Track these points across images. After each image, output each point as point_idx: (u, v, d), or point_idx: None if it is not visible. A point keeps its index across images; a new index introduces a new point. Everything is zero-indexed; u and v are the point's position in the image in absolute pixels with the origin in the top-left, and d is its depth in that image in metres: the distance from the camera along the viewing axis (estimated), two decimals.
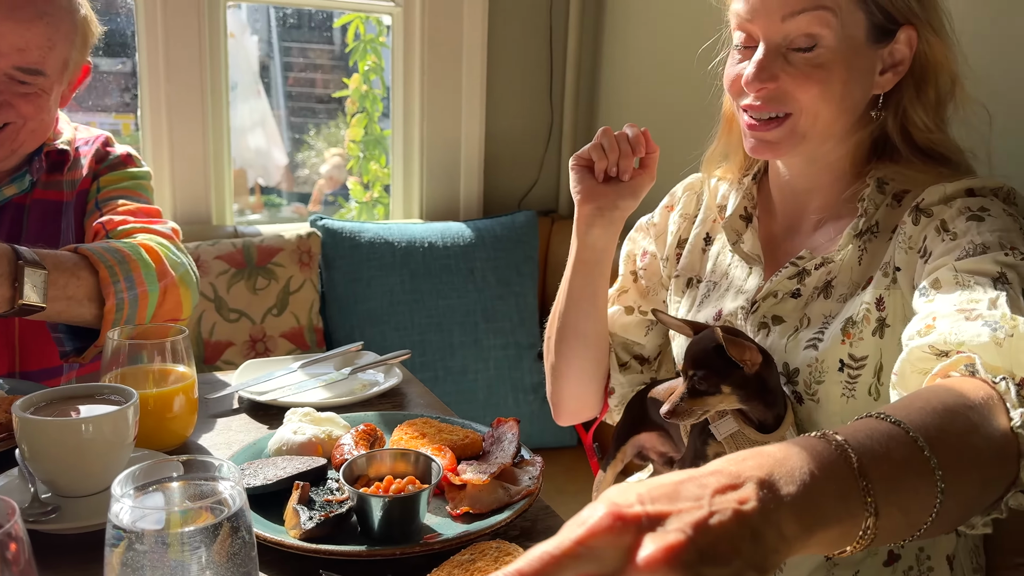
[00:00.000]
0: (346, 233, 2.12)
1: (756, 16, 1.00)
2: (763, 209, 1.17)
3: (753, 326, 1.07)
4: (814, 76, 0.97)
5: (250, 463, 1.02)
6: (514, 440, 1.07)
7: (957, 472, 0.62)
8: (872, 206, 1.02)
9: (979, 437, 0.66)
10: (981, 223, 0.89)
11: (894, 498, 0.58)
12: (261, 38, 4.13)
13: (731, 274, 1.15)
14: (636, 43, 2.36)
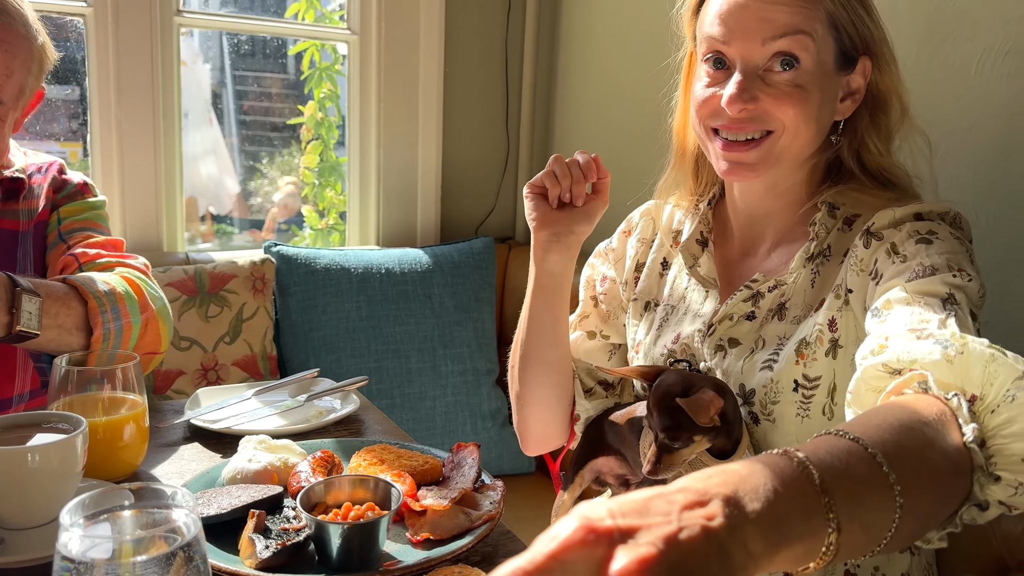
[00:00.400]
0: (301, 259, 2.10)
1: (734, 39, 1.00)
2: (719, 234, 1.19)
3: (710, 348, 1.08)
4: (794, 95, 0.99)
5: (203, 492, 0.99)
6: (474, 465, 1.06)
7: (915, 487, 0.63)
8: (823, 230, 1.04)
9: (935, 452, 0.67)
10: (930, 246, 0.92)
11: (856, 513, 0.59)
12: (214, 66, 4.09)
13: (688, 298, 1.16)
14: (590, 71, 2.40)
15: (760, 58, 0.99)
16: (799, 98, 0.99)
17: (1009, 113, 1.36)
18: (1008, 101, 1.36)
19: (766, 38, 0.98)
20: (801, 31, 0.98)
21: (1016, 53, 1.35)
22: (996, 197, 1.39)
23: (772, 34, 0.98)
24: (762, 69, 1.00)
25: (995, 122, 1.38)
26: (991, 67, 1.38)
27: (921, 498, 0.65)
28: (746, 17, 0.99)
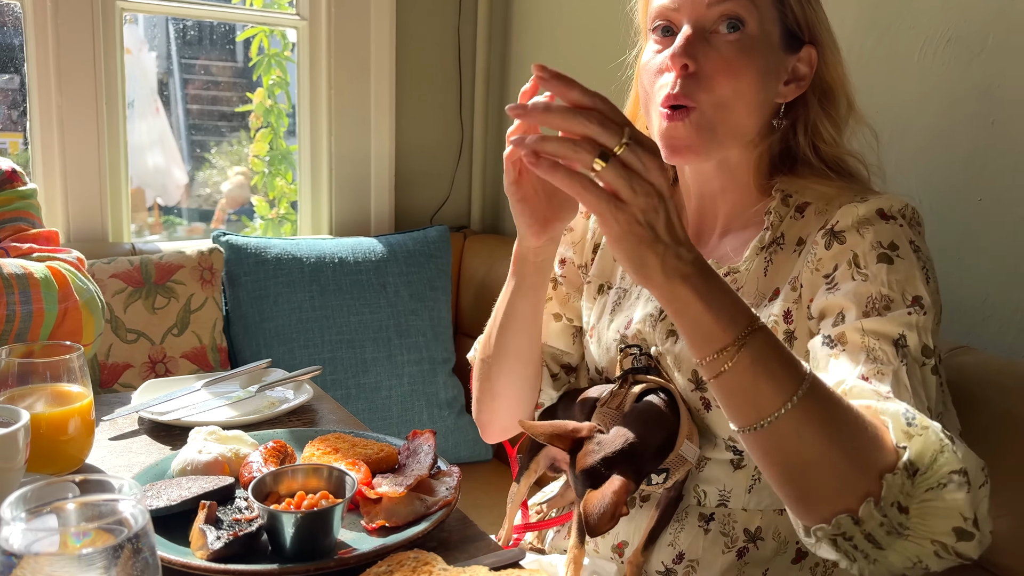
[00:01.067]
0: (251, 249, 2.06)
1: (682, 2, 1.00)
2: None
3: (661, 333, 1.08)
4: (735, 62, 0.98)
5: (152, 485, 0.97)
6: (430, 452, 1.06)
7: (812, 414, 0.76)
8: (777, 219, 1.05)
9: (851, 424, 0.77)
10: (891, 267, 0.92)
11: (760, 365, 0.76)
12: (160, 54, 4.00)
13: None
14: (544, 57, 2.39)
15: (706, 20, 0.99)
16: (740, 65, 0.98)
17: (951, 100, 1.40)
18: (950, 88, 1.40)
19: (712, 1, 0.98)
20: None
21: (957, 41, 1.38)
22: (939, 183, 1.43)
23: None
24: (708, 31, 0.99)
25: (938, 108, 1.41)
26: (933, 55, 1.41)
27: (810, 426, 0.76)
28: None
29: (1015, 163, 1.32)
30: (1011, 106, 1.32)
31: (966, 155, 1.38)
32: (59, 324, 1.21)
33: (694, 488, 1.07)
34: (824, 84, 1.05)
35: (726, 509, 1.06)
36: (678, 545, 1.06)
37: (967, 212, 1.38)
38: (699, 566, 1.05)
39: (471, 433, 2.13)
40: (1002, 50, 1.33)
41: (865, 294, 0.91)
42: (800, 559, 1.06)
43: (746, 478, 1.05)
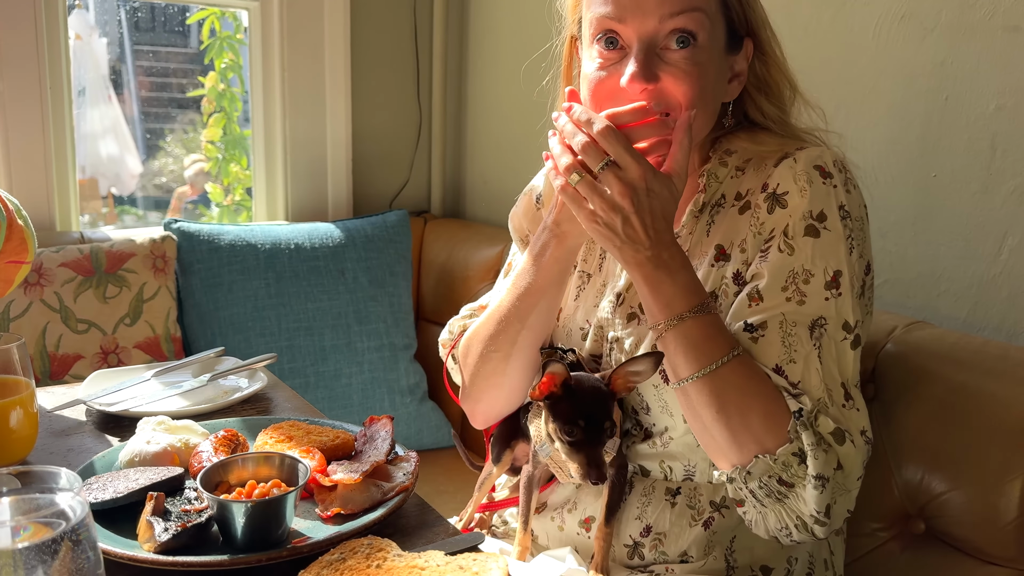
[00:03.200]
0: (203, 236, 2.02)
1: (628, 16, 0.97)
2: None
3: (622, 318, 1.08)
4: (693, 74, 0.96)
5: (98, 476, 0.94)
6: (387, 438, 1.04)
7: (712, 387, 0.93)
8: (715, 180, 1.05)
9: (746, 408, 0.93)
10: (816, 240, 0.96)
11: (681, 342, 0.94)
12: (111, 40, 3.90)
13: (604, 268, 1.15)
14: (502, 38, 2.37)
15: (658, 35, 0.97)
16: (697, 76, 0.97)
17: (906, 75, 1.40)
18: (904, 64, 1.40)
19: (663, 15, 0.95)
20: (697, 7, 0.96)
21: (911, 17, 1.39)
22: (893, 159, 1.43)
23: (669, 10, 0.95)
24: (659, 47, 0.97)
25: (892, 84, 1.42)
26: (888, 31, 1.42)
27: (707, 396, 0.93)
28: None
29: (969, 139, 1.33)
30: (964, 82, 1.33)
31: (920, 131, 1.39)
32: (7, 239, 1.13)
33: (660, 464, 1.07)
34: (766, 76, 1.05)
35: (692, 483, 1.06)
36: (645, 519, 1.06)
37: (921, 188, 1.39)
38: (666, 539, 1.05)
39: (434, 419, 2.11)
40: (955, 27, 1.33)
41: (787, 267, 0.96)
42: None
43: None
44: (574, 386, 0.94)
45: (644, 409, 1.06)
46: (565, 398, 0.94)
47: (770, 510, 0.95)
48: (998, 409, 1.10)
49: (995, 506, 1.08)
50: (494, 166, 2.45)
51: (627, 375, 0.96)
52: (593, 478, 0.91)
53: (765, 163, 1.02)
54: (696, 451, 1.05)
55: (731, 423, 0.93)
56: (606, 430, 0.93)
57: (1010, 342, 1.28)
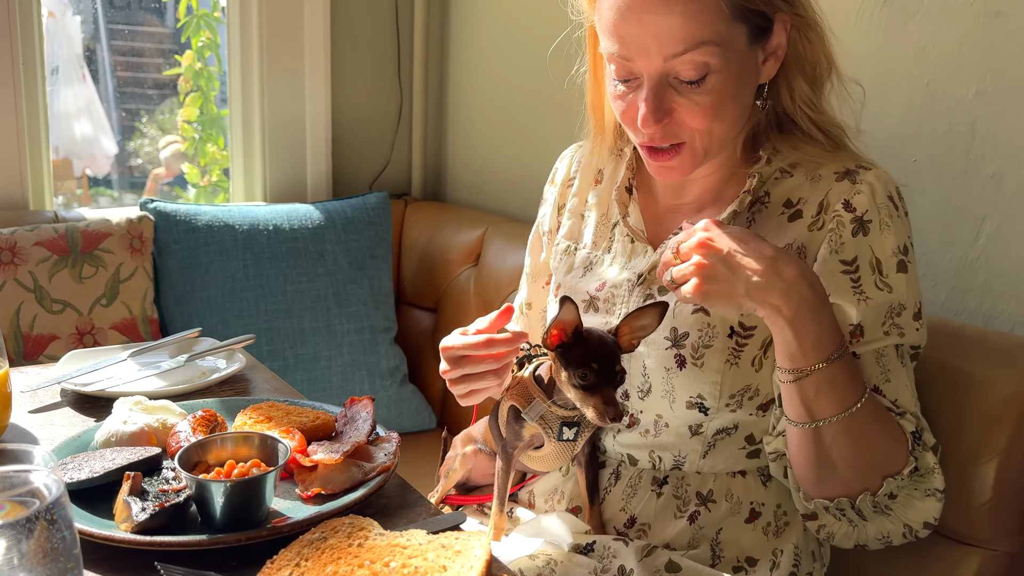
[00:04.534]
0: (180, 216, 1.99)
1: (634, 55, 0.94)
2: (643, 181, 1.16)
3: (639, 297, 1.08)
4: (708, 104, 0.95)
5: (74, 457, 0.93)
6: (368, 418, 1.03)
7: (849, 429, 0.93)
8: (759, 181, 1.04)
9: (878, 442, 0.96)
10: (907, 276, 0.99)
11: (824, 386, 0.92)
12: (85, 19, 3.83)
13: (614, 248, 1.14)
14: (484, 19, 2.35)
15: (666, 71, 0.95)
16: (713, 104, 0.95)
17: (887, 60, 1.40)
18: (886, 48, 1.40)
19: (667, 56, 0.93)
20: (703, 42, 0.92)
21: (893, 2, 1.39)
22: (874, 143, 1.43)
23: (672, 51, 0.92)
24: (671, 77, 0.95)
25: (874, 69, 1.42)
26: (870, 15, 1.42)
27: (846, 436, 0.93)
28: (641, 33, 0.93)
29: (949, 124, 1.34)
30: (945, 67, 1.33)
31: (901, 116, 1.39)
32: None
33: (650, 453, 1.07)
34: (800, 46, 1.02)
35: (680, 472, 1.07)
36: (629, 510, 1.07)
37: (902, 172, 1.39)
38: (650, 530, 1.05)
39: (414, 402, 2.10)
40: (937, 12, 1.34)
41: (887, 304, 0.99)
42: (753, 519, 1.07)
43: (701, 444, 1.05)
44: (584, 333, 0.96)
45: (640, 393, 1.06)
46: (576, 344, 0.95)
47: (871, 523, 0.99)
48: (974, 392, 1.11)
49: (970, 488, 1.09)
50: (476, 149, 2.43)
51: (633, 327, 0.97)
52: (610, 416, 0.92)
53: (819, 173, 1.02)
54: (688, 441, 1.05)
55: (865, 456, 0.95)
56: (618, 373, 0.95)
57: (987, 326, 1.30)
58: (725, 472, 1.07)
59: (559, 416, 1.01)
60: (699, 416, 1.03)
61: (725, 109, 0.97)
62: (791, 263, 0.89)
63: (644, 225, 1.12)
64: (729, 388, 1.02)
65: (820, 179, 1.02)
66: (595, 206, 1.19)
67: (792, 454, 0.98)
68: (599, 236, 1.17)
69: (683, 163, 1.00)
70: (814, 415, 0.93)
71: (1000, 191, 1.29)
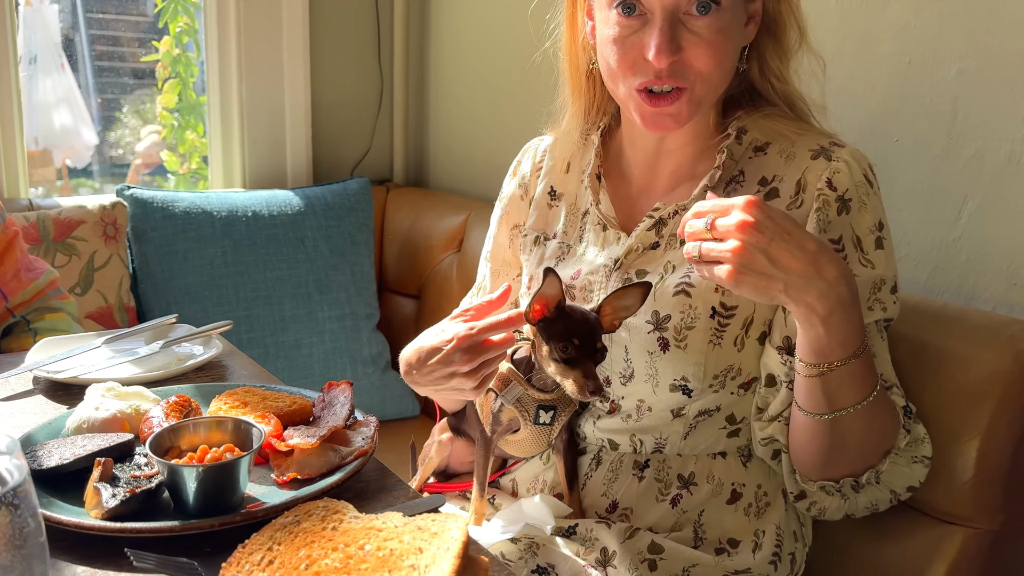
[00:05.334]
0: (157, 203, 1.96)
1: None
2: (612, 166, 1.15)
3: (617, 283, 1.07)
4: (715, 42, 0.95)
5: (44, 444, 0.91)
6: (347, 403, 1.02)
7: (865, 416, 0.94)
8: (730, 157, 1.04)
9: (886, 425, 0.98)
10: (884, 252, 1.00)
11: (847, 380, 0.91)
12: (63, 7, 3.78)
13: (586, 236, 1.13)
14: (465, 3, 2.33)
15: (680, 2, 0.94)
16: (720, 43, 0.96)
17: (868, 39, 1.40)
18: (867, 27, 1.39)
19: None
20: None
21: None
22: (856, 123, 1.43)
23: None
24: (682, 12, 0.95)
25: (855, 47, 1.41)
26: None
27: (862, 423, 0.94)
28: None
29: (931, 102, 1.33)
30: (927, 45, 1.33)
31: (883, 95, 1.39)
32: None
33: (631, 437, 1.06)
34: (773, 14, 1.03)
35: (661, 455, 1.06)
36: (611, 494, 1.06)
37: (884, 151, 1.39)
38: (632, 514, 1.05)
39: (397, 389, 2.09)
40: None
41: (870, 280, 0.99)
42: (735, 500, 1.07)
43: (683, 425, 1.05)
44: (567, 309, 0.95)
45: (622, 378, 1.05)
46: (558, 319, 0.94)
47: (862, 495, 1.01)
48: (956, 371, 1.11)
49: (952, 466, 1.09)
50: (457, 134, 2.41)
51: (616, 307, 0.96)
52: (590, 389, 0.91)
53: (793, 151, 1.02)
54: (670, 424, 1.05)
55: (874, 438, 0.97)
56: (599, 350, 0.94)
57: (968, 305, 1.29)
58: (706, 453, 1.07)
59: (536, 399, 1.00)
60: (682, 399, 1.02)
61: (726, 53, 0.98)
62: (832, 261, 0.87)
63: (615, 212, 1.11)
64: (713, 369, 1.01)
65: (795, 157, 1.02)
66: (563, 195, 1.18)
67: (800, 443, 0.98)
68: (569, 225, 1.16)
69: (680, 110, 0.99)
70: (833, 406, 0.92)
71: (981, 170, 1.28)
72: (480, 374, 0.97)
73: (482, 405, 1.06)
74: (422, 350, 1.01)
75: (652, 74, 0.96)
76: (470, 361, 0.96)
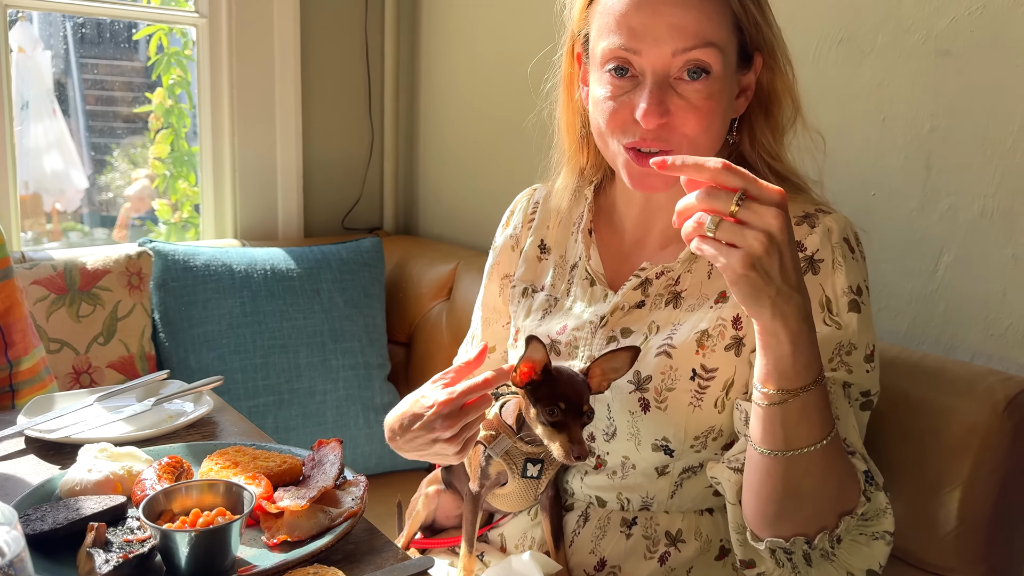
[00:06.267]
0: (179, 255, 2.00)
1: (643, 47, 0.95)
2: (604, 221, 1.17)
3: (602, 340, 1.08)
4: (703, 108, 0.96)
5: (36, 507, 0.92)
6: (336, 462, 1.03)
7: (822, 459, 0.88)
8: None
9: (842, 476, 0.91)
10: (859, 316, 0.98)
11: (807, 411, 0.85)
12: (56, 54, 3.82)
13: (573, 290, 1.14)
14: (454, 52, 2.38)
15: (671, 67, 0.96)
16: (708, 110, 0.96)
17: (844, 97, 1.44)
18: (843, 86, 1.44)
19: (677, 49, 0.94)
20: (711, 43, 0.95)
21: (849, 40, 1.43)
22: (833, 179, 1.46)
23: (684, 45, 0.94)
24: (672, 77, 0.96)
25: (832, 105, 1.45)
26: (827, 54, 1.45)
27: (817, 467, 0.88)
28: (656, 25, 0.94)
29: (905, 158, 1.37)
30: (900, 103, 1.37)
31: (859, 151, 1.43)
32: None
33: (617, 495, 1.07)
34: (771, 91, 1.04)
35: (648, 512, 1.06)
36: (599, 552, 1.06)
37: (861, 206, 1.43)
38: (621, 572, 1.05)
39: None
40: (891, 49, 1.37)
41: (835, 341, 0.97)
42: (723, 556, 1.08)
43: (669, 484, 1.05)
44: (553, 371, 0.96)
45: (605, 435, 1.06)
46: (545, 383, 0.96)
47: (815, 569, 0.94)
48: (936, 421, 1.13)
49: (935, 516, 1.11)
50: (447, 183, 2.45)
51: (604, 369, 0.98)
52: (576, 454, 0.92)
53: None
54: (656, 482, 1.05)
55: (830, 489, 0.91)
56: (585, 413, 0.95)
57: (947, 355, 1.32)
58: (693, 510, 1.07)
59: (524, 452, 1.01)
60: (665, 458, 1.03)
61: (714, 121, 0.98)
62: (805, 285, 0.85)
63: (604, 267, 1.13)
64: (693, 430, 1.01)
65: None
66: (553, 248, 1.20)
67: (754, 487, 0.93)
68: (557, 278, 1.17)
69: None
70: (791, 443, 0.88)
71: (956, 224, 1.32)
72: (462, 438, 0.97)
73: (470, 459, 1.07)
74: (404, 416, 1.01)
75: (640, 135, 0.98)
76: (451, 426, 0.96)
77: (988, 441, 1.09)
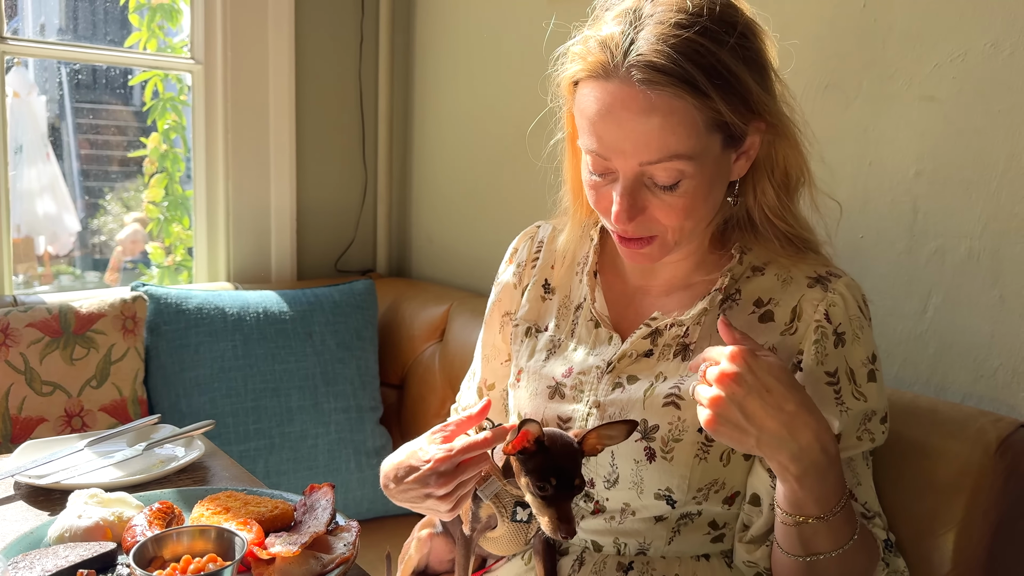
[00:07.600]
0: (171, 298, 2.00)
1: (611, 154, 0.94)
2: (608, 263, 1.16)
3: (608, 385, 1.07)
4: (678, 205, 0.95)
5: (26, 555, 0.91)
6: (328, 507, 1.03)
7: (841, 562, 0.93)
8: (731, 279, 1.04)
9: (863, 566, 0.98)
10: (876, 384, 1.01)
11: (825, 530, 0.91)
12: (51, 98, 3.86)
13: (577, 332, 1.13)
14: (447, 97, 2.41)
15: (642, 173, 0.95)
16: (685, 206, 0.95)
17: (830, 142, 1.46)
18: (829, 131, 1.46)
19: (643, 161, 0.93)
20: (677, 156, 0.91)
21: (834, 87, 1.45)
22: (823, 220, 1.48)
23: (648, 159, 0.92)
24: (646, 178, 0.95)
25: (819, 150, 1.46)
26: (813, 99, 1.48)
27: (836, 568, 0.93)
28: (619, 137, 0.93)
29: (892, 202, 1.39)
30: (885, 147, 1.39)
31: (847, 193, 1.45)
32: None
33: (614, 540, 1.06)
34: (772, 151, 1.02)
35: (645, 557, 1.05)
36: None
37: (850, 247, 1.44)
38: None
39: None
40: (875, 96, 1.40)
41: (861, 412, 1.01)
42: None
43: (667, 530, 1.04)
44: (547, 443, 0.95)
45: (606, 482, 1.05)
46: (538, 453, 0.94)
47: None
48: (928, 463, 1.13)
49: (929, 559, 1.10)
50: (440, 225, 2.47)
51: (601, 435, 0.97)
52: (563, 533, 0.91)
53: (790, 275, 1.03)
54: (654, 528, 1.04)
55: (855, 574, 0.96)
56: (576, 486, 0.94)
57: (938, 396, 1.33)
58: (690, 556, 1.06)
59: (513, 496, 1.01)
60: (666, 507, 1.03)
61: (697, 209, 0.97)
62: (809, 425, 0.87)
63: (608, 311, 1.12)
64: (697, 482, 1.01)
65: (791, 282, 1.03)
66: (557, 289, 1.19)
67: (779, 574, 1.00)
68: (561, 319, 1.16)
69: (654, 252, 1.01)
70: (809, 551, 0.93)
71: (943, 266, 1.33)
72: (455, 496, 0.97)
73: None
74: (400, 467, 1.01)
75: (620, 227, 0.98)
76: (446, 484, 0.96)
77: (981, 482, 1.09)
